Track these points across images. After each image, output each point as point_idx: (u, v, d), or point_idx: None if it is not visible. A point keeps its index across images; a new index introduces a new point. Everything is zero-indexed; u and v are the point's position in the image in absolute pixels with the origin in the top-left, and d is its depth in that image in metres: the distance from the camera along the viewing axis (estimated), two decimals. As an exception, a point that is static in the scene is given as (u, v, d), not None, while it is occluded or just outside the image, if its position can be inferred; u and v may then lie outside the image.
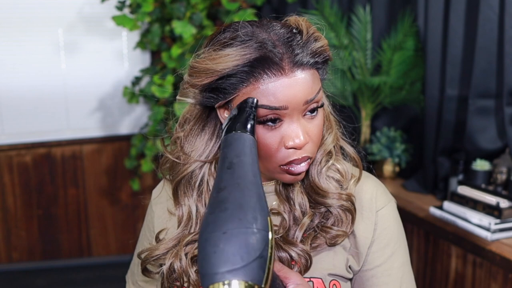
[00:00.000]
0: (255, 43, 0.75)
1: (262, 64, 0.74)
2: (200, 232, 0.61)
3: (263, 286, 0.58)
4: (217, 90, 0.78)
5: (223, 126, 0.75)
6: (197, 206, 0.88)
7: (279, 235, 0.83)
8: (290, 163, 0.79)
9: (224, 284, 0.56)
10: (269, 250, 0.60)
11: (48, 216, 3.18)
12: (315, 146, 0.81)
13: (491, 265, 1.66)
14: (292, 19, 0.80)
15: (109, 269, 3.17)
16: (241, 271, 0.57)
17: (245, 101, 0.74)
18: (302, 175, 0.82)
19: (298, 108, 0.77)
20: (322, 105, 0.80)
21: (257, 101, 0.74)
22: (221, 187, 0.63)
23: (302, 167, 0.80)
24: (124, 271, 1.08)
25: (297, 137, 0.77)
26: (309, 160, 0.81)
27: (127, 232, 3.33)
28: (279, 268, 0.74)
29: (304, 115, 0.79)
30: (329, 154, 0.88)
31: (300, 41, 0.77)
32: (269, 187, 0.89)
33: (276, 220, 0.87)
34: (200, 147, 0.87)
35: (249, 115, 0.72)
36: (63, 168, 3.16)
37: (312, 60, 0.77)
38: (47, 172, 3.14)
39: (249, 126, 0.71)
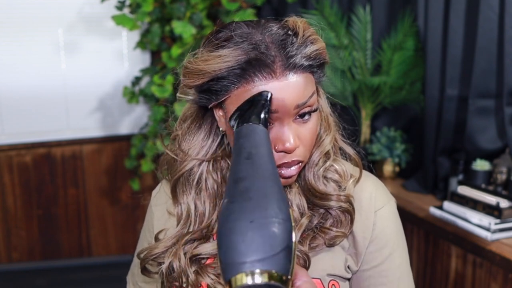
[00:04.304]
0: (248, 45, 0.74)
1: (254, 66, 0.73)
2: (221, 221, 0.59)
3: (289, 277, 0.57)
4: (209, 91, 0.78)
5: (232, 119, 0.74)
6: (195, 204, 0.88)
7: None
8: (280, 166, 0.79)
9: (252, 274, 0.55)
10: (293, 241, 0.59)
11: (48, 216, 3.18)
12: (307, 150, 0.81)
13: (491, 265, 1.66)
14: (291, 20, 0.79)
15: (109, 269, 3.17)
16: (270, 261, 0.55)
17: (260, 94, 0.74)
18: (293, 179, 0.81)
19: (288, 112, 0.76)
20: (315, 110, 0.79)
21: (271, 95, 0.73)
22: (241, 177, 0.62)
23: (292, 170, 0.79)
24: (124, 271, 1.08)
25: (287, 141, 0.77)
26: (300, 164, 0.80)
27: (127, 232, 3.33)
28: None
29: (296, 118, 0.78)
30: (327, 155, 0.87)
31: (295, 43, 0.75)
32: None
33: None
34: (197, 145, 0.87)
35: (264, 108, 0.72)
36: (63, 168, 3.16)
37: (306, 63, 0.76)
38: (47, 172, 3.14)
39: (263, 119, 0.71)
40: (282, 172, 0.79)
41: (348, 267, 0.87)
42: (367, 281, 0.87)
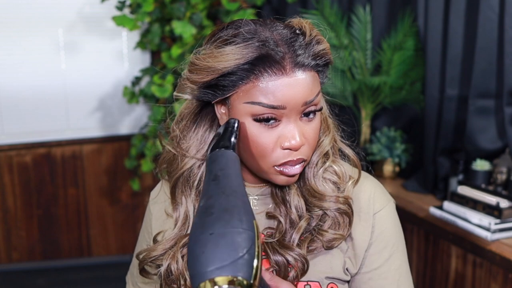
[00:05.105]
0: (257, 41, 0.74)
1: (263, 62, 0.74)
2: (189, 238, 0.64)
3: (251, 281, 0.60)
4: (216, 86, 0.78)
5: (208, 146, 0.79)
6: (194, 206, 0.88)
7: (275, 239, 0.83)
8: (284, 164, 0.79)
9: (214, 281, 0.58)
10: (256, 249, 0.62)
11: (48, 216, 3.18)
12: (311, 149, 0.81)
13: (491, 265, 1.66)
14: (296, 21, 0.80)
15: (109, 269, 3.17)
16: (229, 268, 0.59)
17: (227, 122, 0.78)
18: (296, 177, 0.81)
19: (296, 109, 0.76)
20: (321, 109, 0.80)
21: (238, 121, 0.77)
22: (207, 197, 0.67)
23: (296, 169, 0.79)
24: (124, 271, 1.08)
25: (293, 138, 0.77)
26: (303, 162, 0.80)
27: (127, 232, 3.33)
28: (270, 278, 0.73)
29: (302, 117, 0.78)
30: (326, 156, 0.87)
31: (303, 42, 0.76)
32: (265, 190, 0.89)
33: (272, 223, 0.86)
34: (196, 143, 0.87)
35: (231, 134, 0.76)
36: (63, 168, 3.16)
37: (313, 62, 0.76)
38: (47, 172, 3.14)
39: (232, 144, 0.75)
40: (286, 170, 0.79)
41: (347, 269, 0.86)
42: (367, 284, 0.87)
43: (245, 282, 0.59)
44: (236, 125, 0.77)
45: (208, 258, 0.60)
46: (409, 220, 2.02)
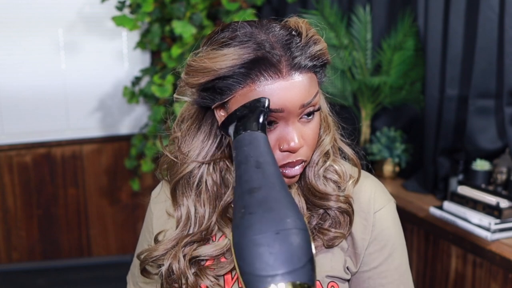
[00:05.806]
0: (253, 44, 0.74)
1: (259, 65, 0.73)
2: (242, 233, 0.59)
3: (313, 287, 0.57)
4: (213, 90, 0.78)
5: (230, 127, 0.74)
6: (195, 206, 0.88)
7: None
8: (284, 166, 0.79)
9: (284, 287, 0.54)
10: (313, 250, 0.59)
11: (48, 216, 3.18)
12: (310, 149, 0.81)
13: (491, 265, 1.66)
14: (292, 20, 0.80)
15: (109, 269, 3.17)
16: (299, 272, 0.55)
17: (258, 101, 0.73)
18: (296, 178, 0.82)
19: (294, 112, 0.76)
20: (318, 109, 0.80)
21: (269, 101, 0.73)
22: (256, 187, 0.62)
23: (296, 170, 0.80)
24: (124, 271, 1.08)
25: (292, 140, 0.77)
26: (303, 163, 0.80)
27: (127, 232, 3.33)
28: None
29: (300, 118, 0.78)
30: (327, 155, 0.87)
31: (299, 43, 0.76)
32: None
33: None
34: (197, 147, 0.87)
35: (262, 115, 0.72)
36: (63, 168, 3.16)
37: (310, 64, 0.76)
38: (47, 172, 3.14)
39: (262, 125, 0.71)
40: (286, 172, 0.79)
41: (347, 268, 0.86)
42: (366, 283, 0.87)
43: None
44: (266, 104, 0.72)
45: (277, 260, 0.55)
46: (409, 220, 2.02)
